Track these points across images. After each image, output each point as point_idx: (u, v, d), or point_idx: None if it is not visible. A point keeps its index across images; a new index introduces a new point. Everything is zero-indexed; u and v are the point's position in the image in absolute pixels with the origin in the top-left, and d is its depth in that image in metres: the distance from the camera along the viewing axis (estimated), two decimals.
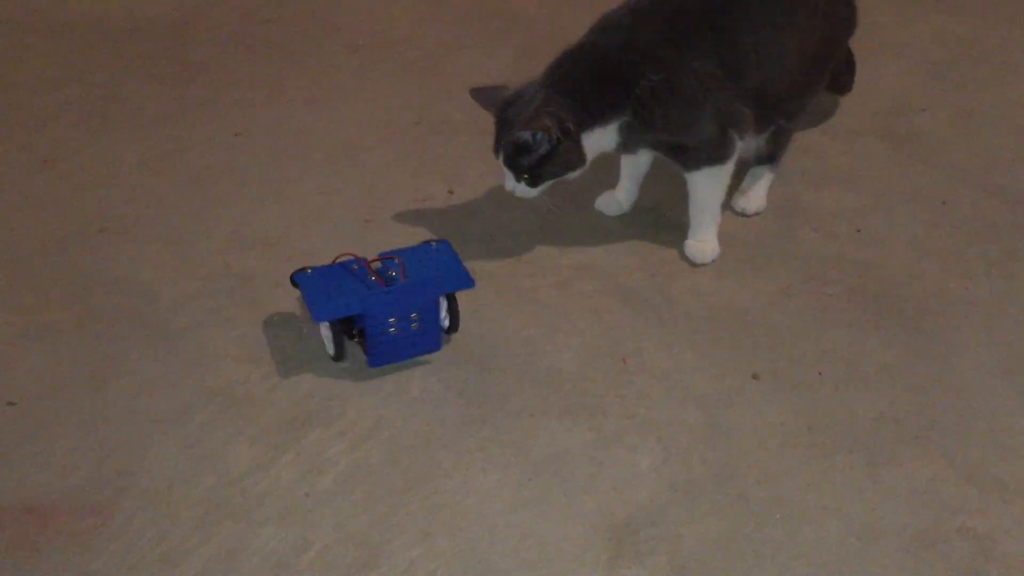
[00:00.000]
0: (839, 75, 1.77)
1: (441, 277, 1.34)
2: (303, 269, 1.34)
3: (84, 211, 1.61)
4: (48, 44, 2.06)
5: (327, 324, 1.31)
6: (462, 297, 1.36)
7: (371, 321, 1.28)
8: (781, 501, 1.18)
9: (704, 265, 1.54)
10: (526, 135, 1.39)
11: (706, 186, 1.52)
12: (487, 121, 1.84)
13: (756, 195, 1.65)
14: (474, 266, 1.48)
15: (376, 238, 1.51)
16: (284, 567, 1.10)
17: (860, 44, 1.83)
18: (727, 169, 1.52)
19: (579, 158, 1.44)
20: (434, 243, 1.41)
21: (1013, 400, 1.31)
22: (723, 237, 1.58)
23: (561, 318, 1.43)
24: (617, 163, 1.62)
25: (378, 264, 1.35)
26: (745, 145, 1.56)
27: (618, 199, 1.64)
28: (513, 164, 1.44)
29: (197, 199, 1.65)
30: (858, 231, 1.60)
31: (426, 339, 1.33)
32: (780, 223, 1.62)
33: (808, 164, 1.75)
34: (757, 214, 1.64)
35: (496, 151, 1.46)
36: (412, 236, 1.53)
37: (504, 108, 1.45)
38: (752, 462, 1.23)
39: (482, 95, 1.50)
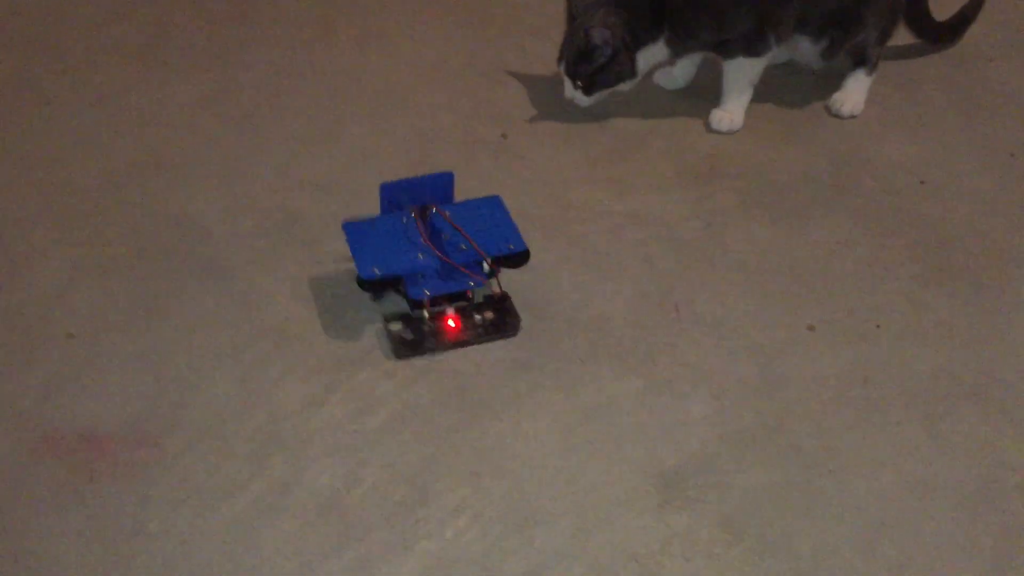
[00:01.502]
0: (931, 23, 1.79)
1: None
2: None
3: (137, 148, 1.62)
4: None
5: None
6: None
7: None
8: (833, 454, 1.17)
9: (720, 133, 1.65)
10: (595, 36, 1.55)
11: (739, 71, 1.65)
12: (540, 66, 1.82)
13: (851, 96, 1.69)
14: (525, 211, 1.47)
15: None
16: (335, 502, 1.11)
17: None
18: (761, 61, 1.63)
19: (631, 71, 1.61)
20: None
21: None
22: (778, 187, 1.55)
23: (612, 265, 1.41)
24: None
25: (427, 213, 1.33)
26: (801, 50, 1.68)
27: (675, 74, 1.75)
28: (574, 71, 1.60)
29: (248, 138, 1.65)
30: (921, 183, 1.56)
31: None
32: (840, 173, 1.58)
33: (870, 113, 1.70)
34: (852, 116, 1.68)
35: (560, 60, 1.63)
36: (463, 181, 1.51)
37: (575, 18, 1.62)
38: (805, 414, 1.21)
39: None
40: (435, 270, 1.29)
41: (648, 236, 1.46)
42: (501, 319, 1.30)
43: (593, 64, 1.58)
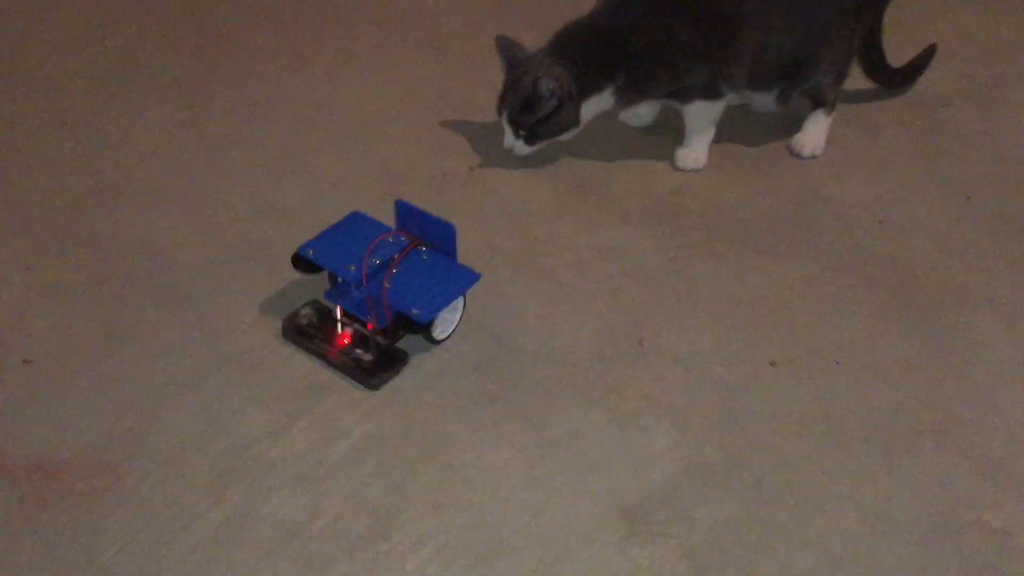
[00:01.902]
0: (887, 69, 1.84)
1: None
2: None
3: (101, 174, 1.60)
4: (66, 7, 2.05)
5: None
6: (483, 277, 1.35)
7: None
8: (795, 488, 1.18)
9: (685, 171, 1.67)
10: (543, 86, 1.55)
11: (698, 115, 1.67)
12: None
13: (811, 137, 1.72)
14: (493, 244, 1.48)
15: (390, 213, 1.50)
16: (295, 533, 1.09)
17: (886, 38, 1.81)
18: (719, 104, 1.66)
19: (575, 120, 1.61)
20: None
21: None
22: (742, 224, 1.57)
23: (579, 298, 1.42)
24: None
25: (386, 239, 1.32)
26: (750, 97, 1.71)
27: (640, 112, 1.77)
28: (516, 121, 1.60)
29: (215, 166, 1.64)
30: (880, 223, 1.59)
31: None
32: (802, 212, 1.61)
33: (831, 154, 1.74)
34: (813, 156, 1.71)
35: (500, 109, 1.62)
36: (430, 211, 1.52)
37: (515, 67, 1.61)
38: (767, 448, 1.22)
39: (505, 46, 1.65)
40: (358, 289, 1.29)
41: (614, 270, 1.48)
42: (370, 367, 1.27)
43: (538, 114, 1.58)
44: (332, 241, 1.32)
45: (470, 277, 1.31)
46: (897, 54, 1.85)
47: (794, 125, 1.76)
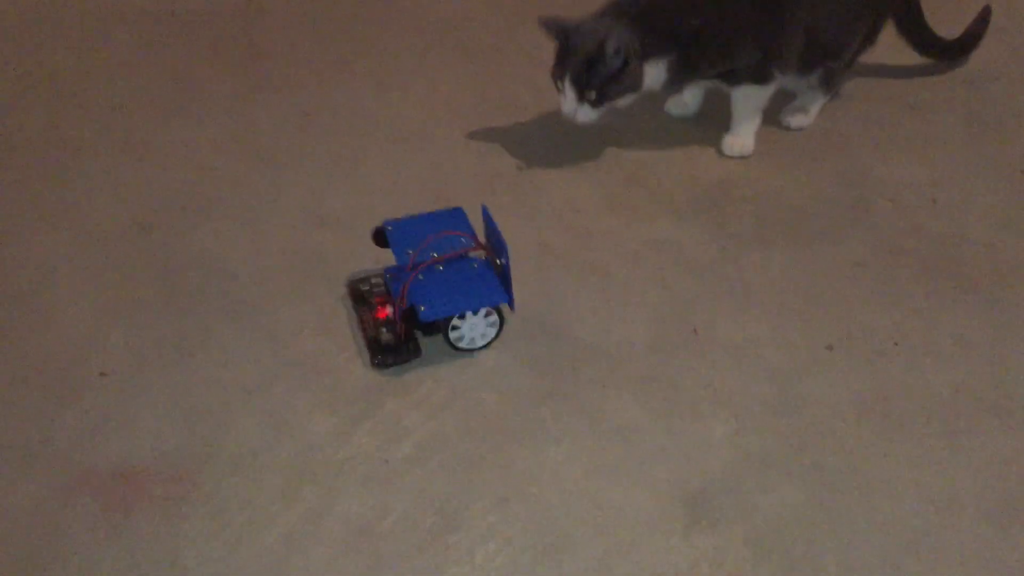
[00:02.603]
0: (936, 41, 1.83)
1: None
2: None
3: (163, 192, 1.66)
4: (122, 31, 2.12)
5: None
6: (532, 274, 1.37)
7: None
8: (857, 472, 1.18)
9: (732, 158, 1.68)
10: (610, 43, 1.52)
11: (746, 99, 1.68)
12: (552, 100, 1.86)
13: (804, 113, 1.74)
14: (543, 241, 1.50)
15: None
16: (366, 531, 1.13)
17: (931, 15, 1.79)
18: (768, 89, 1.66)
19: (639, 80, 1.58)
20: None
21: None
22: (792, 210, 1.57)
23: (631, 291, 1.44)
24: None
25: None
26: (791, 81, 1.68)
27: (685, 101, 1.78)
28: (581, 80, 1.55)
29: (269, 179, 1.69)
30: (933, 202, 1.58)
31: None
32: (853, 194, 1.60)
33: (880, 135, 1.73)
34: (800, 129, 1.73)
35: (559, 73, 1.58)
36: (480, 212, 1.55)
37: (569, 35, 1.58)
38: (827, 433, 1.22)
39: (550, 23, 1.61)
40: (404, 273, 1.33)
41: (665, 262, 1.49)
42: (387, 347, 1.31)
43: (604, 72, 1.54)
44: (415, 226, 1.39)
45: (497, 296, 1.31)
46: (944, 31, 1.83)
47: (847, 108, 1.75)
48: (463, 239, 1.36)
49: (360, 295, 1.39)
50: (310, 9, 2.18)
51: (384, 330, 1.33)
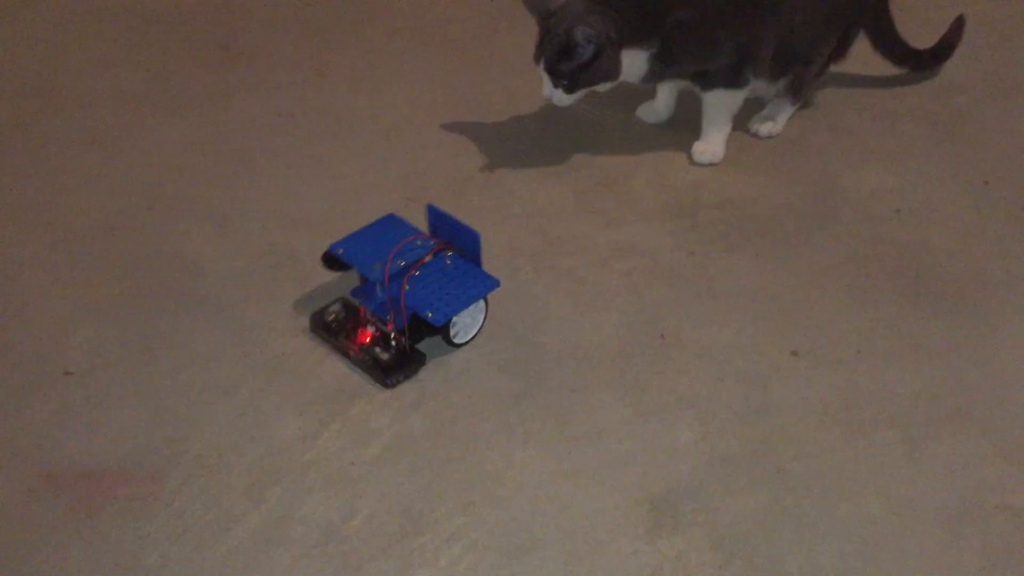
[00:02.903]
0: (906, 50, 1.86)
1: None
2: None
3: (132, 190, 1.65)
4: (93, 28, 2.10)
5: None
6: (502, 277, 1.38)
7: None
8: (819, 477, 1.19)
9: (702, 165, 1.69)
10: (577, 34, 1.51)
11: (718, 104, 1.68)
12: (525, 104, 1.87)
13: (773, 121, 1.76)
14: (513, 244, 1.50)
15: (417, 217, 1.53)
16: (331, 533, 1.13)
17: (902, 25, 1.82)
18: (740, 94, 1.67)
19: (615, 69, 1.57)
20: (448, 257, 1.35)
21: None
22: (760, 217, 1.59)
23: (600, 296, 1.45)
24: None
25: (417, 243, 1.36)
26: (761, 87, 1.70)
27: (657, 108, 1.79)
28: (554, 69, 1.55)
29: (241, 179, 1.68)
30: (898, 211, 1.60)
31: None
32: (820, 203, 1.62)
33: (847, 144, 1.75)
34: (769, 138, 1.76)
35: (538, 57, 1.58)
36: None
37: (549, 16, 1.56)
38: (790, 438, 1.24)
39: (531, 3, 1.60)
40: (381, 289, 1.32)
41: (634, 267, 1.50)
42: (387, 366, 1.30)
43: (574, 62, 1.53)
44: (363, 241, 1.36)
45: (489, 283, 1.33)
46: (915, 40, 1.85)
47: (812, 118, 1.77)
48: (419, 241, 1.36)
49: (327, 326, 1.35)
50: (286, 10, 2.18)
51: (378, 350, 1.32)
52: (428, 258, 1.33)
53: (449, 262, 1.34)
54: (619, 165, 1.71)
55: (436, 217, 1.38)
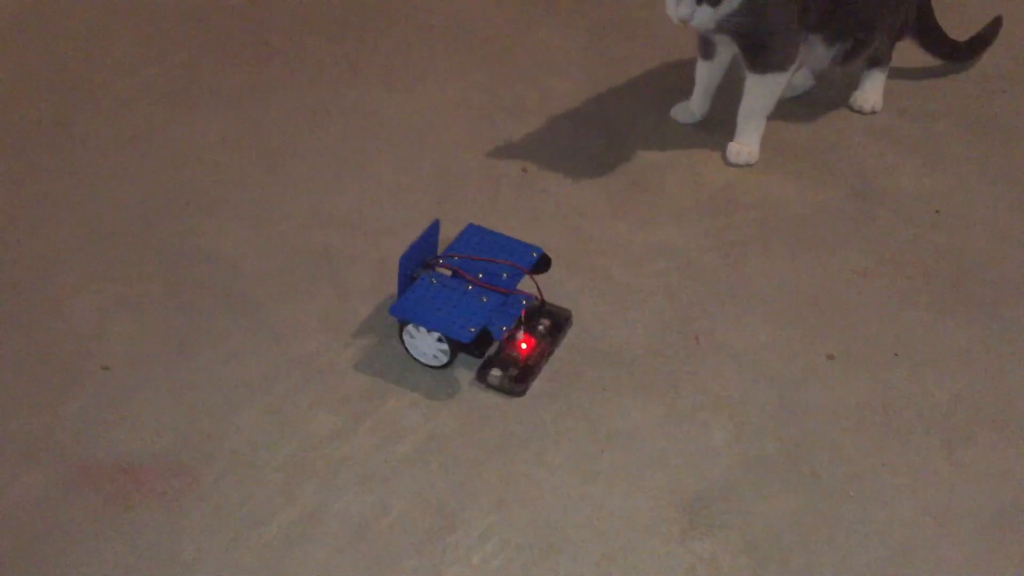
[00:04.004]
0: (945, 41, 1.85)
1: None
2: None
3: (169, 187, 1.66)
4: (129, 26, 2.12)
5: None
6: (540, 278, 1.38)
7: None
8: (855, 480, 1.18)
9: (738, 166, 1.68)
10: None
11: (763, 91, 1.66)
12: (558, 103, 1.86)
13: (871, 93, 1.78)
14: (547, 244, 1.50)
15: (451, 216, 1.53)
16: (364, 529, 1.13)
17: (942, 20, 1.80)
18: (784, 78, 1.65)
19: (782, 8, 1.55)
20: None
21: None
22: (796, 219, 1.58)
23: (633, 296, 1.44)
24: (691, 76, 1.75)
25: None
26: (815, 54, 1.70)
27: (691, 108, 1.78)
28: None
29: (276, 177, 1.69)
30: (936, 213, 1.58)
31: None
32: (857, 205, 1.61)
33: (884, 146, 1.73)
34: (874, 112, 1.78)
35: None
36: (487, 216, 1.56)
37: None
38: (826, 441, 1.23)
39: None
40: (494, 306, 1.30)
41: (668, 267, 1.49)
42: (556, 321, 1.36)
43: None
44: (447, 318, 1.28)
45: (471, 228, 1.38)
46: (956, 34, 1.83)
47: (838, 115, 1.76)
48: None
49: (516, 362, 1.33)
50: (319, 6, 2.19)
51: (540, 328, 1.35)
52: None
53: (456, 256, 1.36)
54: (653, 165, 1.70)
55: (407, 263, 1.33)
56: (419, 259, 1.36)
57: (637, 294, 1.44)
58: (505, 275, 1.34)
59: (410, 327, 1.30)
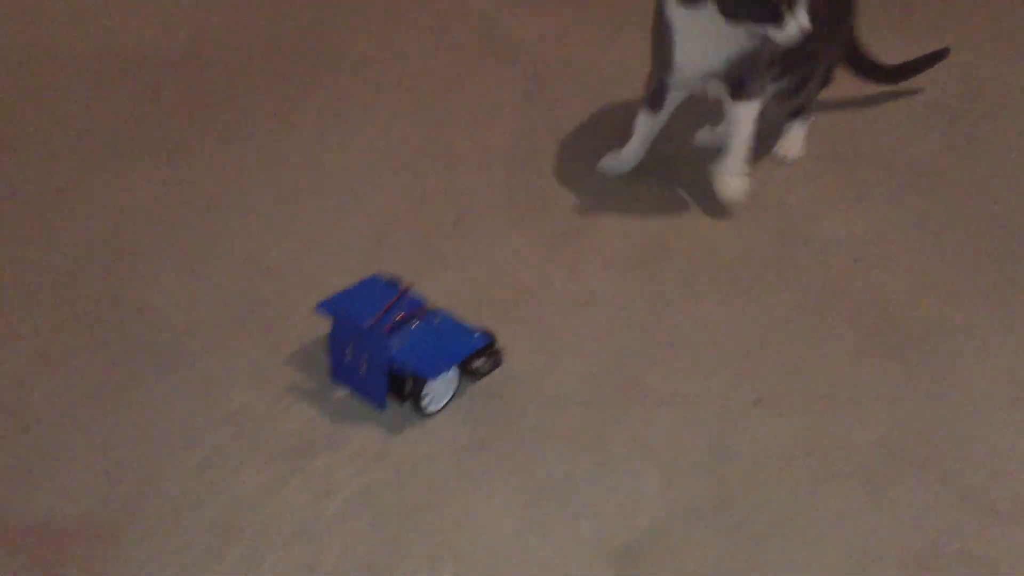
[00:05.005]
0: (870, 62, 1.94)
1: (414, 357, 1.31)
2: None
3: (97, 239, 1.64)
4: (60, 76, 2.10)
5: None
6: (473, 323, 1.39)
7: (336, 335, 1.33)
8: (781, 525, 1.20)
9: (734, 202, 1.70)
10: None
11: (746, 117, 1.68)
12: (490, 151, 1.88)
13: (794, 142, 1.85)
14: (481, 293, 1.51)
15: (384, 264, 1.54)
16: None
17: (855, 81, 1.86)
18: (760, 104, 1.69)
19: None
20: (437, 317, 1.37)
21: (1012, 426, 1.33)
22: (723, 265, 1.61)
23: (566, 344, 1.45)
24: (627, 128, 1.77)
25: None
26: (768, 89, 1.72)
27: (624, 156, 1.80)
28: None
29: (209, 227, 1.68)
30: (856, 260, 1.63)
31: (370, 386, 1.33)
32: (779, 251, 1.65)
33: (806, 193, 1.78)
34: (796, 160, 1.83)
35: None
36: (420, 266, 1.56)
37: None
38: (753, 487, 1.25)
39: None
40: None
41: (600, 316, 1.51)
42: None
43: None
44: (422, 355, 1.32)
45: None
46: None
47: (765, 162, 1.81)
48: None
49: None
50: (254, 58, 2.19)
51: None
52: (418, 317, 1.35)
53: (438, 320, 1.35)
54: (586, 214, 1.73)
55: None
56: (359, 312, 1.35)
57: (570, 343, 1.46)
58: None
59: (429, 388, 1.30)
